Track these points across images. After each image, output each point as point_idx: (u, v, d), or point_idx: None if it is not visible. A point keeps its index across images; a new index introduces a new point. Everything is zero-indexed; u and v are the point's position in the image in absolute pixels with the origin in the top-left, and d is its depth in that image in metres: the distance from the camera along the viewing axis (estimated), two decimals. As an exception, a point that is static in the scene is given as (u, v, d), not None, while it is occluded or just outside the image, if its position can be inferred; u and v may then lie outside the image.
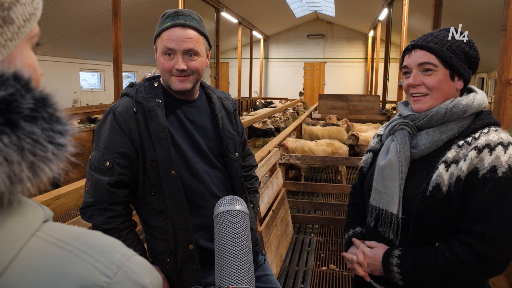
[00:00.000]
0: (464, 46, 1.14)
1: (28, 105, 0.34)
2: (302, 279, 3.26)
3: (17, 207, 0.38)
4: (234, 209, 0.96)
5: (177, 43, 1.29)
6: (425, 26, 10.65)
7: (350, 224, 1.43)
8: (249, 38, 17.12)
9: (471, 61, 1.16)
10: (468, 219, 1.07)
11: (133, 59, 15.00)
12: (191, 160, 1.37)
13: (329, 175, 6.73)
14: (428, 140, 1.16)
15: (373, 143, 1.40)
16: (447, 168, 1.09)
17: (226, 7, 12.51)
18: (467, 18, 9.50)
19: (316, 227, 4.38)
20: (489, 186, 1.04)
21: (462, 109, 1.13)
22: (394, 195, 1.17)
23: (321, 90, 19.35)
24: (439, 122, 1.15)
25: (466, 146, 1.10)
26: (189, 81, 1.34)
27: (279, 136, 5.33)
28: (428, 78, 1.15)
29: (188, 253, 1.35)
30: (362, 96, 10.64)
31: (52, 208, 2.18)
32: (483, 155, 1.05)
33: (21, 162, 0.34)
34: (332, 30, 19.26)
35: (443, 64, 1.13)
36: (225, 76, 20.32)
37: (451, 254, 1.07)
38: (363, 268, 1.26)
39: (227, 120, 1.48)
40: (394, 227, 1.18)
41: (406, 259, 1.14)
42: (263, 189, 3.26)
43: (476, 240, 1.04)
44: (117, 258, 0.39)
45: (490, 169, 1.04)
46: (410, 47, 1.19)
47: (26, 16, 0.39)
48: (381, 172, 1.22)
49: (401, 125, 1.22)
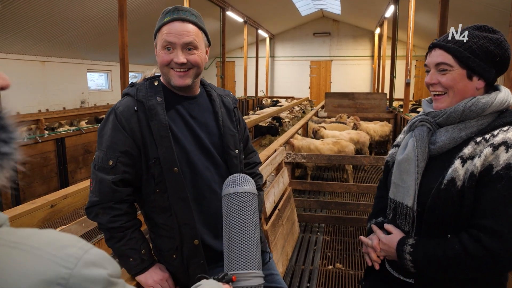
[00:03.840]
0: (488, 45, 1.13)
1: None
2: (308, 278, 3.26)
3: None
4: (244, 190, 0.96)
5: (176, 36, 1.31)
6: (432, 23, 10.57)
7: (373, 214, 1.48)
8: (254, 37, 17.12)
9: (496, 60, 1.14)
10: (480, 214, 1.08)
11: (140, 59, 15.08)
12: (193, 157, 1.38)
13: (336, 174, 6.71)
14: (446, 137, 1.18)
15: (400, 138, 1.43)
16: (463, 163, 1.11)
17: (232, 6, 12.52)
18: (474, 14, 9.41)
19: (322, 226, 4.38)
20: (502, 183, 1.05)
21: (481, 107, 1.14)
22: (410, 189, 1.21)
23: (327, 89, 19.29)
24: (458, 119, 1.17)
25: (483, 143, 1.11)
26: (189, 76, 1.36)
27: (285, 135, 5.33)
28: (444, 77, 1.17)
29: (194, 248, 1.37)
30: (368, 94, 10.59)
31: (60, 207, 2.21)
32: (499, 152, 1.06)
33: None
34: (338, 28, 19.18)
35: (459, 64, 1.15)
36: (231, 75, 20.34)
37: (460, 247, 1.09)
38: (376, 252, 1.31)
39: (227, 117, 1.49)
40: (409, 219, 1.22)
41: (418, 248, 1.17)
42: (269, 188, 3.26)
43: (486, 235, 1.06)
44: (75, 251, 0.39)
45: (504, 166, 1.05)
46: (431, 46, 1.23)
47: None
48: (399, 166, 1.27)
49: (421, 122, 1.25)
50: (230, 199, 0.95)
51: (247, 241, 0.92)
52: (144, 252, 1.37)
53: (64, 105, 12.34)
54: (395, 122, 9.23)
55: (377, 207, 1.48)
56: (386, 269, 1.36)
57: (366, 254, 1.36)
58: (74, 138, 5.93)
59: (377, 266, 1.32)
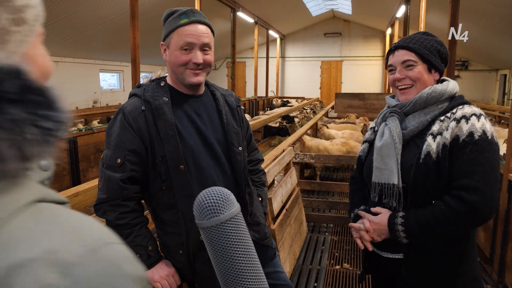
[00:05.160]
0: (436, 45, 1.42)
1: (12, 90, 0.38)
2: (315, 278, 3.28)
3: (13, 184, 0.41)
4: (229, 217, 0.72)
5: (196, 38, 1.37)
6: (442, 22, 10.45)
7: (353, 205, 1.62)
8: (265, 38, 17.13)
9: (443, 57, 1.44)
10: (456, 176, 1.28)
11: (151, 60, 15.22)
12: (198, 155, 1.42)
13: (345, 174, 6.69)
14: (415, 121, 1.40)
15: (368, 135, 1.64)
16: (434, 138, 1.32)
17: (242, 7, 12.56)
18: (485, 14, 9.29)
19: (330, 226, 4.38)
20: (469, 148, 1.26)
21: (439, 92, 1.39)
22: (393, 169, 1.38)
23: (338, 89, 19.21)
24: (422, 105, 1.40)
25: (446, 120, 1.34)
26: (202, 74, 1.43)
27: (294, 135, 5.34)
28: (411, 72, 1.41)
29: (199, 243, 1.40)
30: (379, 94, 10.52)
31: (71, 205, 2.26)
32: (461, 124, 1.30)
33: (1, 139, 0.37)
34: (349, 28, 19.08)
35: (421, 60, 1.40)
36: (242, 75, 20.38)
37: (445, 207, 1.27)
38: (369, 234, 1.44)
39: (230, 115, 1.54)
40: (396, 196, 1.38)
41: (409, 217, 1.34)
42: (276, 187, 3.28)
43: (465, 192, 1.25)
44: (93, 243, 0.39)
45: (468, 134, 1.27)
46: (393, 48, 1.46)
47: (35, 17, 0.45)
48: (380, 151, 1.43)
49: (391, 113, 1.46)
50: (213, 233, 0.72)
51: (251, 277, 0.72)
52: (151, 249, 1.40)
53: (77, 105, 12.52)
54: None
55: (356, 199, 1.63)
56: (377, 254, 1.50)
57: (358, 238, 1.49)
58: (86, 137, 6.02)
59: (370, 247, 1.46)
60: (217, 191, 0.75)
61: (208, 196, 0.74)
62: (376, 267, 1.56)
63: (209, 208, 0.72)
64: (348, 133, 6.88)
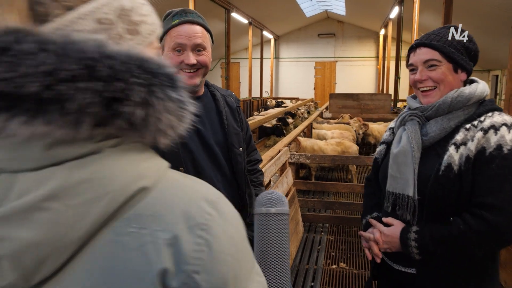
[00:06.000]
0: (465, 41, 1.25)
1: (180, 79, 0.52)
2: (312, 278, 3.28)
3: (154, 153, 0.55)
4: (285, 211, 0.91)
5: (187, 38, 1.34)
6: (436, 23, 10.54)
7: (367, 210, 1.50)
8: (259, 38, 17.16)
9: (472, 54, 1.27)
10: (479, 193, 1.15)
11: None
12: (197, 156, 1.41)
13: (340, 174, 6.72)
14: (437, 127, 1.25)
15: (386, 136, 1.50)
16: (457, 149, 1.19)
17: (236, 7, 12.56)
18: (479, 15, 9.38)
19: (326, 225, 4.39)
20: (496, 162, 1.13)
21: (466, 97, 1.23)
22: (409, 179, 1.26)
23: (332, 90, 19.28)
24: (446, 111, 1.25)
25: (473, 128, 1.19)
26: (198, 76, 1.39)
27: (289, 136, 5.35)
28: (433, 73, 1.25)
29: None
30: (373, 95, 10.58)
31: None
32: (489, 135, 1.15)
33: (174, 113, 0.50)
34: (342, 29, 19.17)
35: (446, 59, 1.23)
36: (236, 76, 20.38)
37: (465, 226, 1.15)
38: (379, 245, 1.34)
39: (231, 116, 1.53)
40: (410, 208, 1.27)
41: (423, 233, 1.22)
42: (272, 188, 3.29)
43: (487, 211, 1.12)
44: (218, 191, 0.54)
45: (496, 147, 1.13)
46: (414, 45, 1.30)
47: (149, 32, 0.56)
48: (396, 159, 1.32)
49: (411, 116, 1.32)
50: (270, 219, 0.89)
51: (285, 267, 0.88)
52: None
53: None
54: (400, 123, 9.21)
55: (370, 203, 1.51)
56: (388, 264, 1.38)
57: (367, 248, 1.39)
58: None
59: (378, 259, 1.35)
60: (277, 193, 0.95)
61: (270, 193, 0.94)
62: (385, 276, 1.44)
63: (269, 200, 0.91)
64: (338, 133, 6.92)
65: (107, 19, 0.50)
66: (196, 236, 0.45)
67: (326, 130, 7.23)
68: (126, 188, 0.45)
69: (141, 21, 0.55)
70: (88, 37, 0.44)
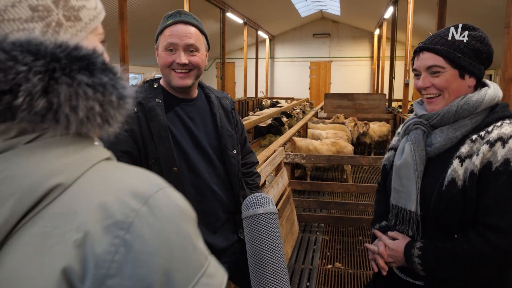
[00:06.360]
0: (474, 42, 1.14)
1: (100, 62, 0.47)
2: (307, 277, 3.29)
3: (93, 143, 0.50)
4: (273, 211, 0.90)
5: (179, 38, 1.35)
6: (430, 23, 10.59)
7: (376, 219, 1.46)
8: (254, 38, 17.15)
9: (483, 57, 1.16)
10: (484, 211, 1.08)
11: (140, 61, 15.12)
12: (192, 157, 1.41)
13: (335, 174, 6.74)
14: (442, 138, 1.18)
15: (394, 141, 1.43)
16: (461, 163, 1.11)
17: (232, 7, 12.55)
18: (473, 15, 9.44)
19: (321, 225, 4.40)
20: (502, 179, 1.05)
21: (473, 105, 1.14)
22: (411, 193, 1.20)
23: (327, 89, 19.31)
24: (452, 119, 1.16)
25: (479, 140, 1.11)
26: (190, 77, 1.39)
27: (284, 136, 5.36)
28: (437, 79, 1.16)
29: None
30: (368, 94, 10.61)
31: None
32: (496, 149, 1.06)
33: (94, 98, 0.45)
34: (337, 29, 19.21)
35: (451, 65, 1.14)
36: (231, 76, 20.36)
37: (468, 245, 1.09)
38: (384, 258, 1.29)
39: (225, 118, 1.53)
40: (413, 224, 1.21)
41: (427, 250, 1.16)
42: (268, 188, 3.29)
43: (492, 232, 1.06)
44: (160, 184, 0.49)
45: (503, 162, 1.05)
46: (418, 49, 1.22)
47: (91, 17, 0.54)
48: (398, 171, 1.26)
49: (415, 125, 1.25)
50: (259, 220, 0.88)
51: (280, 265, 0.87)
52: None
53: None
54: (394, 123, 9.26)
55: (380, 211, 1.46)
56: (394, 273, 1.34)
57: (373, 260, 1.35)
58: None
59: (385, 272, 1.31)
60: (262, 194, 0.95)
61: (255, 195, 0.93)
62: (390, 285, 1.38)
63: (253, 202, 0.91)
64: (332, 133, 6.94)
65: (43, 5, 0.48)
66: (112, 235, 0.42)
67: (320, 130, 7.25)
68: (37, 186, 0.41)
69: (82, 6, 0.53)
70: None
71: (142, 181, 0.48)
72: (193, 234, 0.48)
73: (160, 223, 0.44)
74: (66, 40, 0.46)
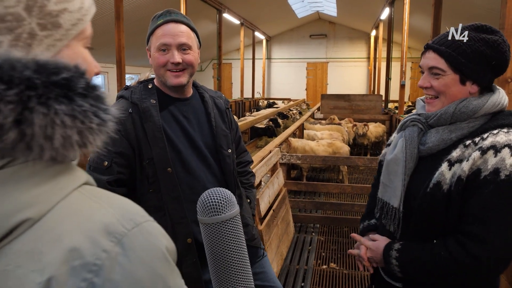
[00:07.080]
0: (484, 48, 1.08)
1: (81, 86, 0.43)
2: (302, 278, 3.29)
3: (68, 167, 0.46)
4: (230, 216, 0.78)
5: (171, 37, 1.36)
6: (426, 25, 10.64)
7: (366, 215, 1.46)
8: (251, 39, 17.16)
9: (493, 64, 1.09)
10: (467, 220, 1.06)
11: (136, 61, 15.08)
12: (186, 157, 1.41)
13: (331, 175, 6.75)
14: (436, 138, 1.15)
15: (393, 137, 1.42)
16: (450, 167, 1.09)
17: (228, 8, 12.55)
18: (470, 17, 9.48)
19: (317, 226, 4.41)
20: (490, 188, 1.02)
21: (472, 109, 1.11)
22: (396, 190, 1.20)
23: (324, 90, 19.33)
24: (449, 121, 1.14)
25: (472, 146, 1.08)
26: (184, 75, 1.40)
27: (280, 137, 5.36)
28: (436, 82, 1.14)
29: (186, 246, 1.40)
30: (364, 95, 10.64)
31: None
32: (487, 156, 1.03)
33: (72, 127, 0.42)
34: (334, 30, 19.25)
35: (452, 69, 1.11)
36: (228, 77, 20.35)
37: (446, 252, 1.07)
38: (364, 262, 1.31)
39: (219, 117, 1.53)
40: (395, 220, 1.22)
41: (404, 252, 1.16)
42: (263, 188, 3.29)
43: (472, 241, 1.03)
44: (137, 219, 0.46)
45: (493, 171, 1.02)
46: (425, 47, 1.19)
47: (73, 22, 0.47)
48: (387, 166, 1.27)
49: (413, 121, 1.23)
50: (214, 230, 0.77)
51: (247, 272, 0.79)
52: None
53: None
54: (391, 124, 9.29)
55: (370, 206, 1.47)
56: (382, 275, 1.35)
57: (359, 261, 1.36)
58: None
59: (371, 270, 1.32)
60: (221, 192, 0.80)
61: (212, 195, 0.79)
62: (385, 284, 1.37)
63: (212, 206, 0.78)
64: (327, 134, 6.96)
65: (12, 14, 0.41)
66: (80, 278, 0.38)
67: (316, 131, 7.26)
68: (4, 220, 0.38)
69: (62, 10, 0.45)
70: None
71: (117, 215, 0.44)
72: (167, 274, 0.46)
73: (132, 266, 0.41)
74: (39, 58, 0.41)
